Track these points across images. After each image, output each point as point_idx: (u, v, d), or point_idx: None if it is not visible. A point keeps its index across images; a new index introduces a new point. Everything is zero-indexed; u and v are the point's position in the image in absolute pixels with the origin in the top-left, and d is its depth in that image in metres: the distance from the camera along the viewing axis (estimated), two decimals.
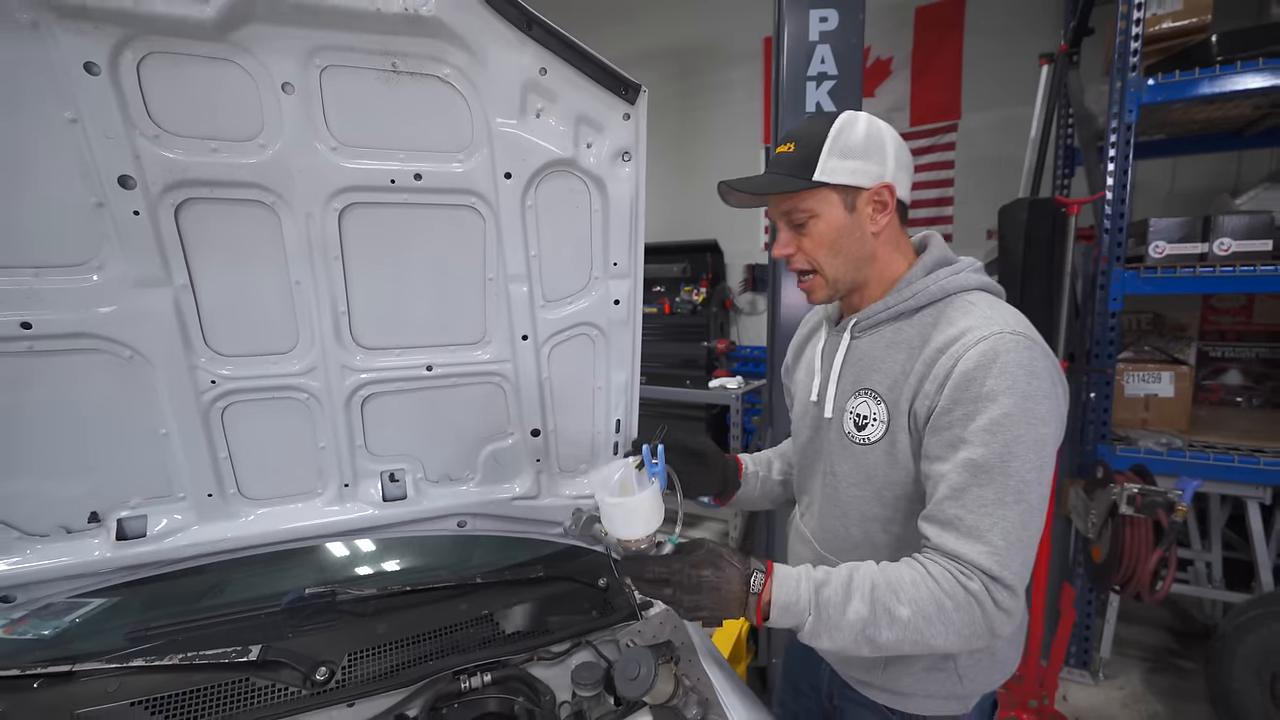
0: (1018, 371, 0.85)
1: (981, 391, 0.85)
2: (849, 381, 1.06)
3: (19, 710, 1.03)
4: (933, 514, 0.90)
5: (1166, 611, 3.34)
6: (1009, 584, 0.84)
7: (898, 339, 1.00)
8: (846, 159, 0.95)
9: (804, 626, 0.89)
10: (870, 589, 0.87)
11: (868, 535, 1.05)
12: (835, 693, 1.22)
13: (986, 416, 0.85)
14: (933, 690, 1.04)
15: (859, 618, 0.86)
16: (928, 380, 0.91)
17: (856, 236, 0.99)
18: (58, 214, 0.90)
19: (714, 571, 0.90)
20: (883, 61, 4.73)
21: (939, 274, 1.00)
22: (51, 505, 1.08)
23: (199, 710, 1.06)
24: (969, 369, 0.87)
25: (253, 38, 0.88)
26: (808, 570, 0.91)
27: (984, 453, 0.84)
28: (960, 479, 0.86)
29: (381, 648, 1.21)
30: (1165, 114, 2.82)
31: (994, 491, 0.84)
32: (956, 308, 0.96)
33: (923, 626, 0.84)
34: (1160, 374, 2.80)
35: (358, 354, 1.16)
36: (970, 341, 0.88)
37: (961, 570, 0.85)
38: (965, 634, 0.85)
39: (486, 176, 1.09)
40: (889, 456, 0.98)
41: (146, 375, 1.04)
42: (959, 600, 0.84)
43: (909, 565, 0.89)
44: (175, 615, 1.27)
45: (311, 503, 1.26)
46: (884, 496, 1.01)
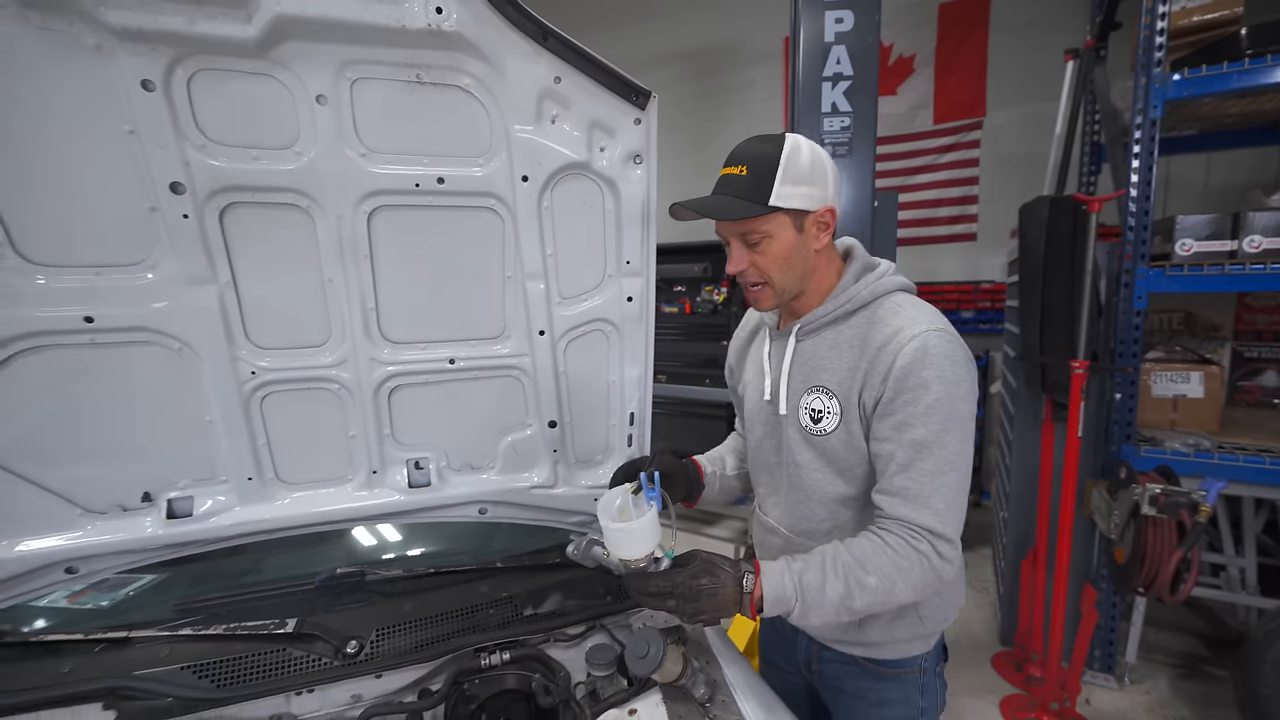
0: (943, 363, 1.02)
1: (918, 381, 1.02)
2: (799, 380, 1.18)
3: (84, 669, 1.12)
4: (884, 487, 1.06)
5: (1198, 618, 3.26)
6: (950, 538, 1.03)
7: (839, 340, 1.14)
8: (798, 185, 1.05)
9: (793, 612, 1.02)
10: (842, 568, 1.02)
11: (832, 513, 1.18)
12: (813, 658, 1.33)
13: (924, 402, 1.01)
14: (900, 635, 1.20)
15: (837, 594, 1.00)
16: (872, 374, 1.06)
17: (803, 254, 1.11)
18: (116, 218, 0.99)
19: (710, 579, 1.00)
20: (905, 59, 4.71)
21: (866, 280, 1.14)
22: (109, 485, 1.18)
23: (241, 675, 1.14)
24: (906, 363, 1.02)
25: (290, 54, 0.96)
26: (787, 563, 1.04)
27: (924, 432, 1.01)
28: (906, 455, 1.03)
29: (407, 625, 1.28)
30: (1195, 109, 2.76)
31: (933, 464, 1.02)
32: (886, 309, 1.11)
33: (888, 588, 1.01)
34: (1189, 374, 2.75)
35: (385, 347, 1.24)
36: (904, 340, 1.04)
37: (911, 533, 1.02)
38: (920, 585, 1.03)
39: (505, 180, 1.15)
40: (846, 443, 1.12)
41: (194, 366, 1.13)
42: (912, 560, 1.01)
43: (868, 538, 1.05)
44: (218, 590, 1.36)
45: (342, 488, 1.34)
46: (845, 476, 1.15)
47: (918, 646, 1.23)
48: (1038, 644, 2.72)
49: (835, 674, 1.30)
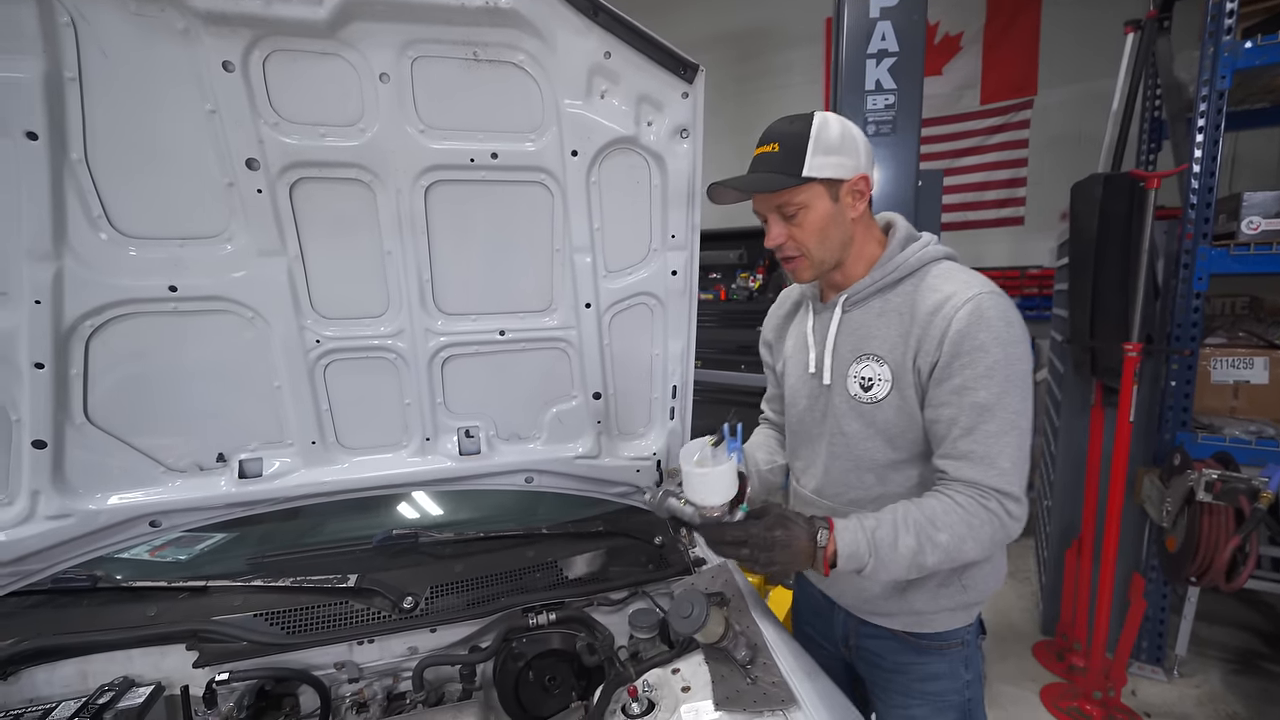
0: (999, 324, 1.04)
1: (975, 344, 1.03)
2: (846, 350, 1.19)
3: (168, 613, 1.22)
4: (949, 451, 1.08)
5: (1255, 613, 3.14)
6: (1017, 496, 1.06)
7: (887, 308, 1.15)
8: (829, 155, 1.08)
9: (865, 567, 1.04)
10: (913, 525, 1.04)
11: (880, 478, 1.20)
12: (851, 633, 1.34)
13: (983, 365, 1.03)
14: (944, 604, 1.21)
15: (909, 550, 1.03)
16: (926, 340, 1.07)
17: (839, 223, 1.13)
18: (198, 193, 1.06)
19: (784, 531, 1.03)
20: (951, 38, 4.57)
21: (912, 248, 1.16)
22: (188, 446, 1.27)
23: (308, 624, 1.23)
24: (962, 327, 1.04)
25: (357, 34, 1.01)
26: (860, 519, 1.06)
27: (985, 395, 1.03)
28: (969, 419, 1.05)
29: (459, 585, 1.34)
30: (1268, 79, 2.62)
31: (996, 425, 1.04)
32: (934, 275, 1.12)
33: (958, 544, 1.04)
34: (1253, 359, 2.63)
35: (439, 318, 1.29)
36: (958, 303, 1.05)
37: (980, 493, 1.05)
38: (988, 543, 1.06)
39: (555, 154, 1.19)
40: (898, 410, 1.13)
41: (265, 334, 1.21)
42: (982, 518, 1.04)
43: (936, 498, 1.07)
44: (284, 548, 1.46)
45: (398, 454, 1.41)
46: (895, 443, 1.16)
47: (960, 619, 1.24)
48: (1081, 634, 2.66)
49: (875, 649, 1.31)
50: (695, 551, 1.53)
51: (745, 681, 1.12)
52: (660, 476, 1.55)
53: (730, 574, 1.42)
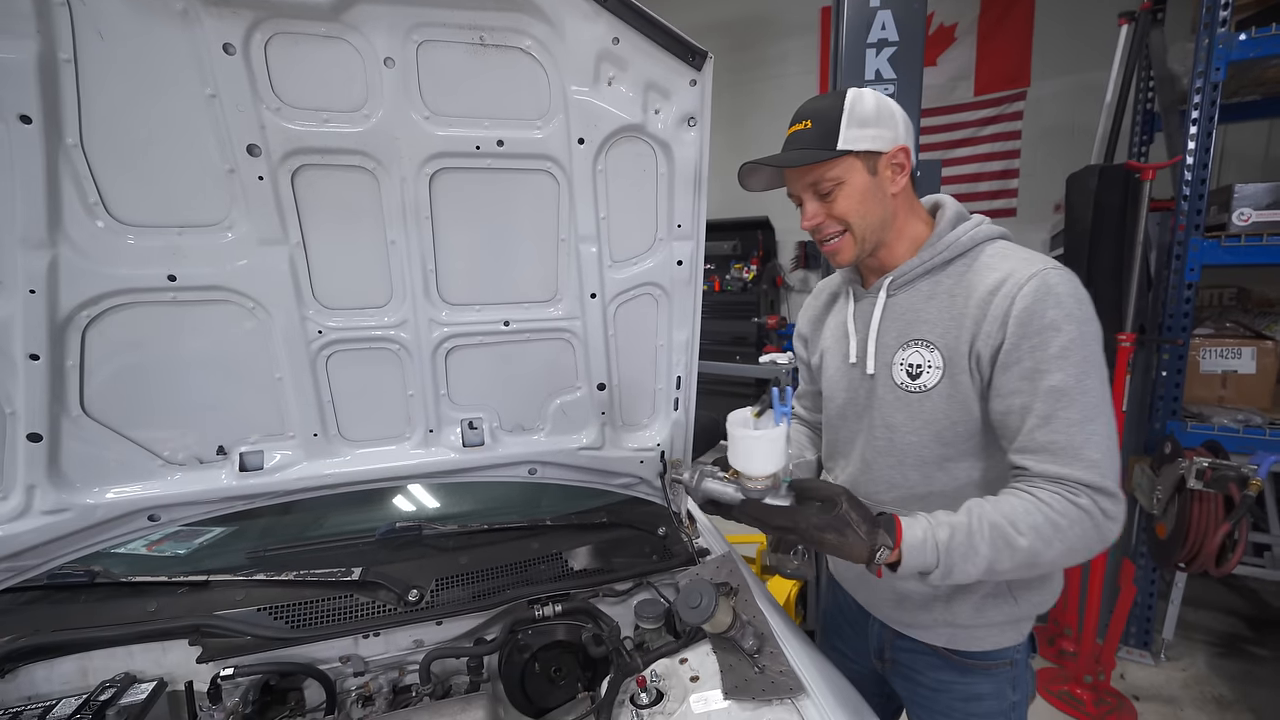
0: (1069, 301, 0.94)
1: (1044, 323, 0.93)
2: (892, 336, 1.11)
3: (169, 608, 1.21)
4: (1025, 444, 0.96)
5: (1238, 597, 3.21)
6: (1112, 491, 0.92)
7: (936, 290, 1.07)
8: (865, 128, 1.03)
9: (932, 575, 0.95)
10: (989, 528, 0.93)
11: (926, 476, 1.10)
12: (886, 646, 1.27)
13: (1055, 345, 0.93)
14: (992, 618, 1.11)
15: (984, 558, 0.92)
16: (985, 321, 0.98)
17: (879, 197, 1.07)
18: (198, 180, 1.03)
19: (837, 536, 0.92)
20: (946, 28, 4.57)
21: (963, 228, 1.08)
22: (187, 438, 1.24)
23: (312, 618, 1.22)
24: (1028, 304, 0.94)
25: (361, 17, 0.98)
26: (930, 526, 0.95)
27: (1062, 377, 0.92)
28: (1046, 406, 0.93)
29: (464, 577, 1.34)
30: (1261, 71, 2.65)
31: (1079, 411, 0.92)
32: (989, 254, 1.04)
33: (1041, 549, 0.91)
34: (1240, 349, 2.67)
35: (443, 309, 1.27)
36: (1020, 280, 0.96)
37: (1068, 489, 0.92)
38: (1080, 547, 0.93)
39: (561, 142, 1.17)
40: (949, 399, 1.04)
41: (266, 325, 1.18)
42: (1072, 518, 0.91)
43: (1017, 495, 0.95)
44: (286, 541, 1.44)
45: (401, 445, 1.39)
46: (944, 437, 1.07)
47: (1010, 636, 1.14)
48: (1072, 620, 2.71)
49: (912, 664, 1.23)
50: (699, 542, 1.53)
51: (753, 670, 1.12)
52: (664, 467, 1.55)
53: (734, 564, 1.43)
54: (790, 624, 1.29)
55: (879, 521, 0.95)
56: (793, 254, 5.39)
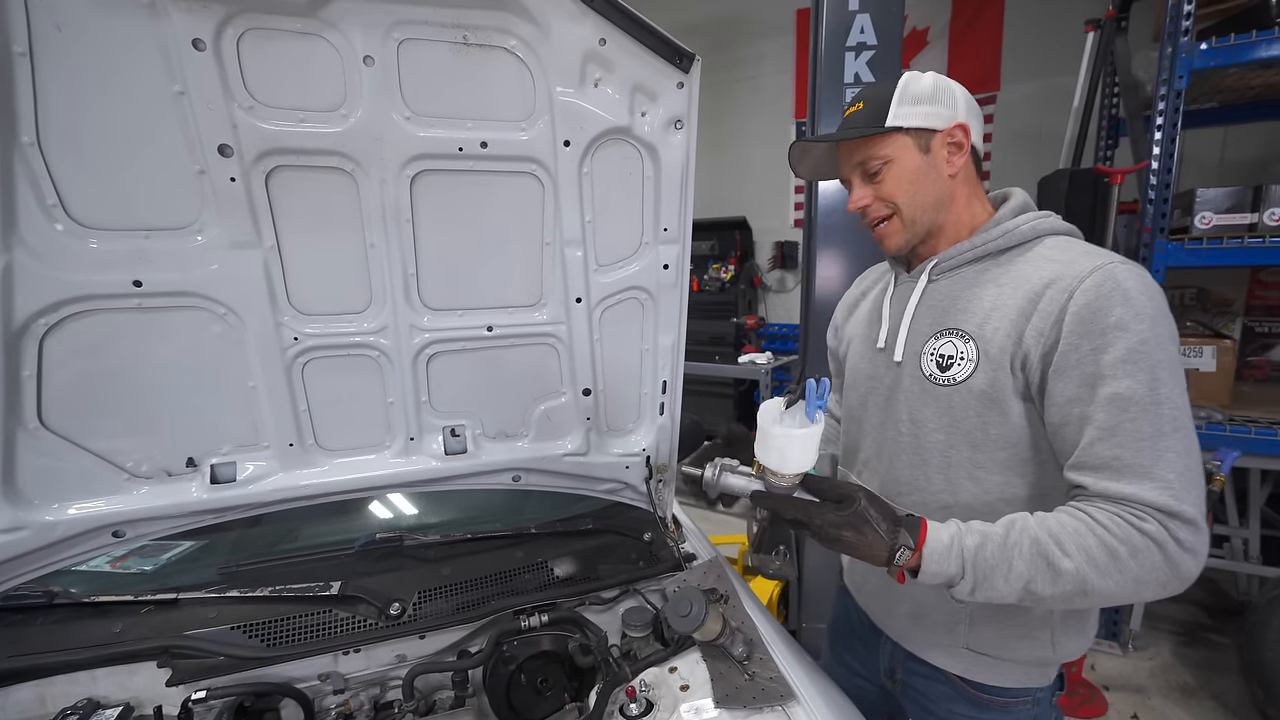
0: (1140, 297, 0.82)
1: (1109, 322, 0.82)
2: (926, 323, 1.03)
3: (135, 629, 1.15)
4: (1084, 460, 0.84)
5: (1200, 589, 3.33)
6: (1190, 518, 0.78)
7: (982, 278, 0.98)
8: (918, 104, 0.97)
9: (958, 588, 0.86)
10: (1029, 544, 0.82)
11: (950, 483, 1.00)
12: (898, 668, 1.19)
13: (1122, 346, 0.81)
14: (1021, 656, 1.02)
15: (1020, 577, 0.82)
16: (1035, 317, 0.88)
17: (933, 178, 0.99)
18: (165, 181, 0.99)
19: (853, 534, 0.86)
20: (919, 32, 4.64)
21: (1025, 216, 0.99)
22: (154, 451, 1.19)
23: (289, 635, 1.17)
24: (1089, 300, 0.83)
25: (340, 13, 0.94)
26: (959, 532, 0.86)
27: (1130, 384, 0.80)
28: (1109, 417, 0.81)
29: (447, 588, 1.30)
30: (1219, 80, 2.74)
31: (1150, 424, 0.79)
32: (1049, 246, 0.94)
33: (1093, 578, 0.79)
34: (1201, 348, 2.76)
35: (425, 314, 1.24)
36: (1080, 273, 0.85)
37: (1133, 513, 0.79)
38: (1147, 580, 0.79)
39: (547, 144, 1.15)
40: (980, 396, 0.94)
41: (238, 332, 1.14)
42: (1135, 545, 0.78)
43: (1070, 514, 0.84)
44: (261, 555, 1.39)
45: (380, 454, 1.35)
46: (974, 439, 0.96)
47: (1035, 677, 1.03)
48: None
49: (924, 690, 1.14)
50: (685, 546, 1.52)
51: (743, 678, 1.12)
52: (650, 472, 1.53)
53: (722, 569, 1.42)
54: (779, 629, 1.29)
55: (902, 521, 0.87)
56: (770, 254, 5.42)
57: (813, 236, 2.37)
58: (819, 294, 2.39)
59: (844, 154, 1.06)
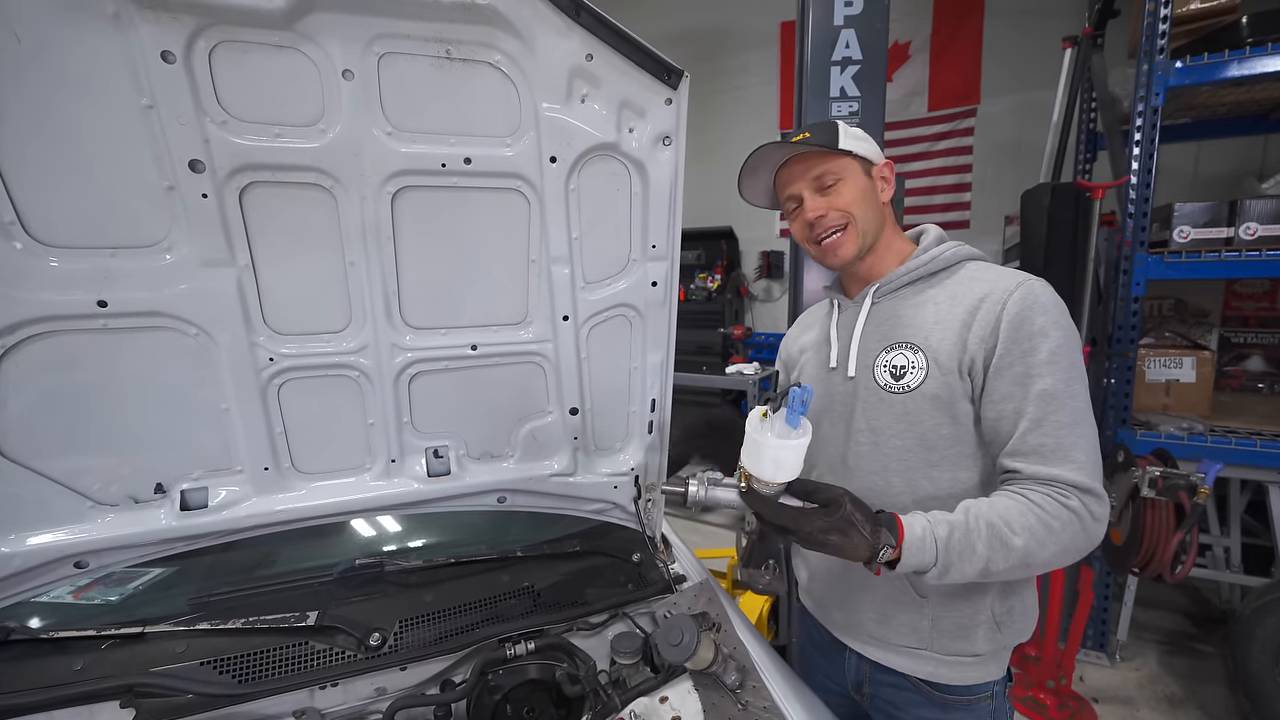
0: (1055, 309, 0.99)
1: (1034, 329, 0.98)
2: (874, 340, 1.14)
3: (97, 666, 1.09)
4: (1017, 448, 0.99)
5: (1184, 597, 3.36)
6: (1098, 492, 0.96)
7: (921, 298, 1.12)
8: (859, 141, 1.12)
9: (928, 575, 0.96)
10: (985, 528, 0.95)
11: (910, 483, 1.09)
12: (864, 680, 1.24)
13: (1045, 349, 0.97)
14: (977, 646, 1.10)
15: (980, 558, 0.94)
16: (975, 326, 1.02)
17: (873, 200, 1.14)
18: (132, 197, 0.94)
19: (840, 537, 0.92)
20: (901, 45, 4.70)
21: (945, 245, 1.15)
22: (120, 476, 1.14)
23: (263, 670, 1.12)
24: (1018, 311, 0.99)
25: (317, 26, 0.91)
26: (929, 525, 0.96)
27: (1051, 381, 0.96)
28: (1037, 410, 0.97)
29: (430, 616, 1.26)
30: (1192, 97, 2.80)
31: (1067, 415, 0.96)
32: (972, 269, 1.11)
33: (1035, 549, 0.94)
34: (1182, 359, 2.80)
35: (407, 333, 1.20)
36: (1008, 288, 1.01)
37: (1059, 491, 0.95)
38: (1069, 547, 0.96)
39: (532, 160, 1.12)
40: (934, 400, 1.05)
41: (210, 353, 1.09)
42: (1064, 519, 0.94)
43: (1010, 497, 0.97)
44: (234, 584, 1.33)
45: (360, 477, 1.31)
46: (928, 440, 1.07)
47: (991, 669, 1.14)
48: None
49: (892, 700, 1.20)
50: (675, 567, 1.49)
51: (736, 708, 1.09)
52: (639, 492, 1.50)
53: (713, 591, 1.39)
54: (771, 653, 1.26)
55: (880, 520, 0.95)
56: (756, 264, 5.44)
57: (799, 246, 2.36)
58: (806, 303, 2.39)
59: (799, 169, 1.13)
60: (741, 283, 5.39)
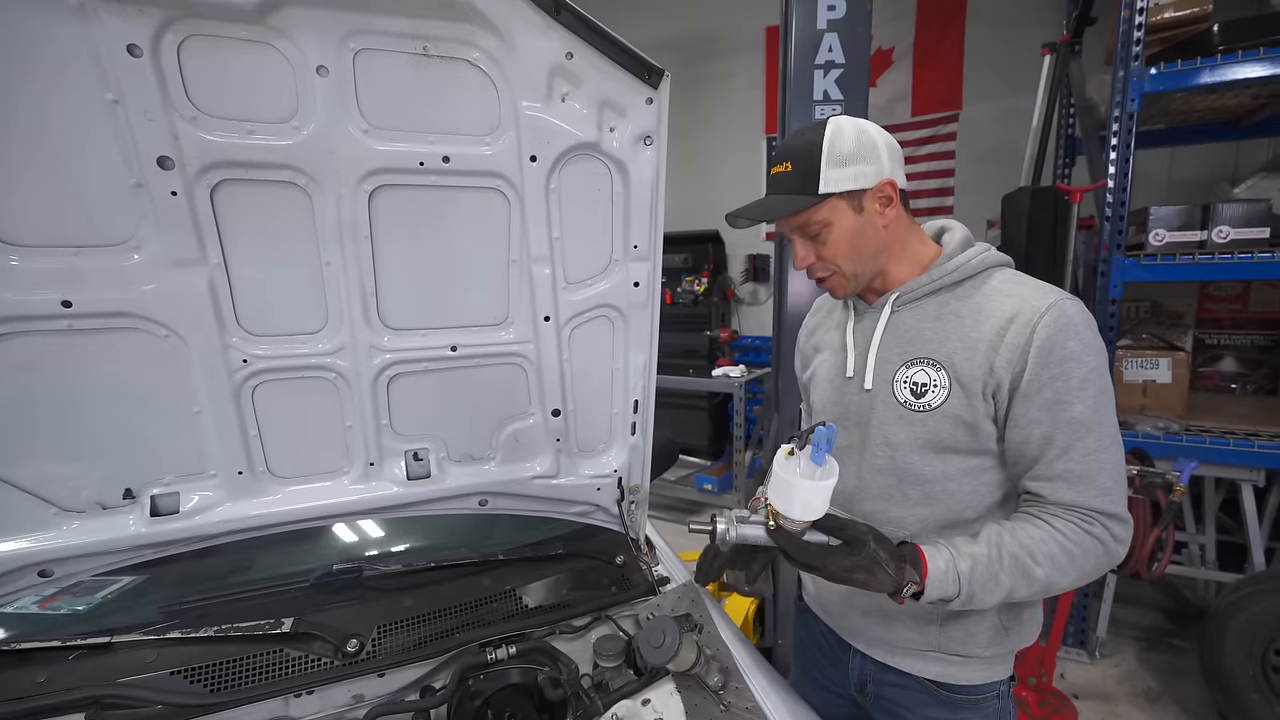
0: (1085, 331, 0.96)
1: (1066, 353, 0.94)
2: (894, 353, 1.09)
3: (62, 678, 1.06)
4: (1043, 473, 0.98)
5: (1161, 593, 3.41)
6: (1123, 517, 0.97)
7: (943, 311, 1.05)
8: (845, 166, 1.01)
9: (951, 605, 0.97)
10: (1009, 560, 0.95)
11: (927, 496, 1.08)
12: (869, 680, 1.23)
13: (1076, 375, 0.94)
14: (983, 648, 1.10)
15: (1004, 589, 0.95)
16: (1003, 349, 0.97)
17: (870, 233, 1.06)
18: (98, 194, 0.92)
19: (866, 575, 0.92)
20: (884, 51, 4.75)
21: (972, 251, 1.07)
22: (87, 482, 1.10)
23: (236, 679, 1.09)
24: (1050, 335, 0.94)
25: (290, 21, 0.90)
26: (954, 560, 0.95)
27: (1081, 409, 0.94)
28: (1066, 437, 0.95)
29: (409, 621, 1.24)
30: (1166, 103, 2.85)
31: (1094, 441, 0.95)
32: (999, 280, 1.04)
33: (1056, 578, 0.95)
34: (1158, 360, 2.85)
35: (385, 334, 1.19)
36: (1040, 308, 0.96)
37: (1083, 518, 0.95)
38: (1090, 571, 0.97)
39: (512, 159, 1.11)
40: (955, 419, 1.02)
41: (181, 354, 1.07)
42: (1086, 547, 0.95)
43: (1034, 524, 0.97)
44: (207, 591, 1.30)
45: (338, 481, 1.29)
46: (945, 455, 1.05)
47: (998, 670, 1.14)
48: None
49: (898, 700, 1.19)
50: (658, 569, 1.48)
51: (719, 709, 1.08)
52: (622, 494, 1.49)
53: (696, 592, 1.39)
54: (754, 654, 1.26)
55: (904, 554, 0.95)
56: (743, 267, 5.46)
57: (784, 251, 2.37)
58: (791, 307, 2.39)
59: (781, 220, 1.09)
60: (728, 286, 5.40)
